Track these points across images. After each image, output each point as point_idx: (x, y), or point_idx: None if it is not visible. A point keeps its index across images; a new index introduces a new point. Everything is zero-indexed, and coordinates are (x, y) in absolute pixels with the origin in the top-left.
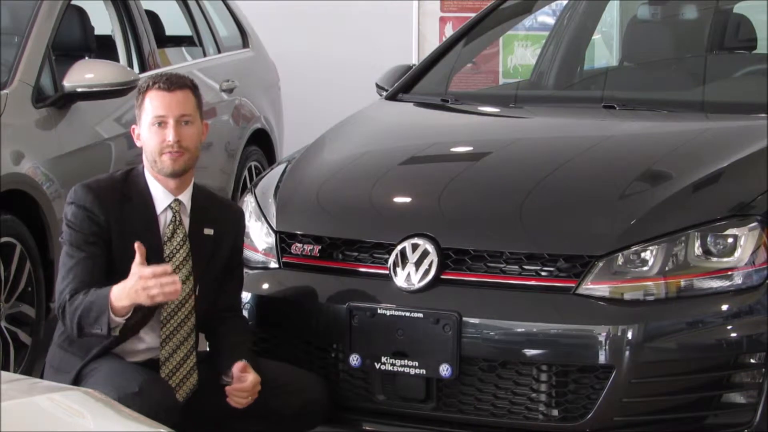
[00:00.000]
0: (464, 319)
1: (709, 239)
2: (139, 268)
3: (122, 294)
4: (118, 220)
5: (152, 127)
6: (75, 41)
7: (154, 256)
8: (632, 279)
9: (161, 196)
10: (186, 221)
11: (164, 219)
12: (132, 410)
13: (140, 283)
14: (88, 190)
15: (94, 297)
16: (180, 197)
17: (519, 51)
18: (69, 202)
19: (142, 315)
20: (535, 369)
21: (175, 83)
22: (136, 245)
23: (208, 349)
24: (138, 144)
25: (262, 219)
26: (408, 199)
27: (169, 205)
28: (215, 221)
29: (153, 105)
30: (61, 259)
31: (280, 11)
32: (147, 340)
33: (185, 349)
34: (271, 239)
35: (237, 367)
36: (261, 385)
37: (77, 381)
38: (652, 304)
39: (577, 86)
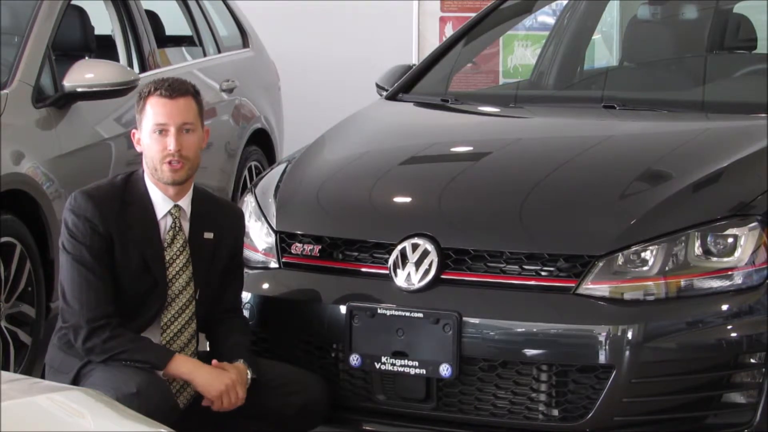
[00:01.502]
0: (464, 319)
1: (709, 239)
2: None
3: (192, 379)
4: (119, 226)
5: (153, 134)
6: (75, 41)
7: (155, 262)
8: (632, 279)
9: (161, 202)
10: (186, 226)
11: (164, 225)
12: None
13: (219, 400)
14: (88, 198)
15: (139, 349)
16: (180, 203)
17: (519, 51)
18: (69, 209)
19: (144, 321)
20: (535, 369)
21: (177, 90)
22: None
23: (208, 350)
24: (138, 149)
25: (262, 219)
26: (408, 199)
27: (169, 211)
28: (215, 224)
29: (154, 112)
30: (65, 269)
31: (280, 11)
32: None
33: (186, 355)
34: (271, 239)
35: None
36: (261, 385)
37: (76, 381)
38: (652, 304)
39: (577, 86)
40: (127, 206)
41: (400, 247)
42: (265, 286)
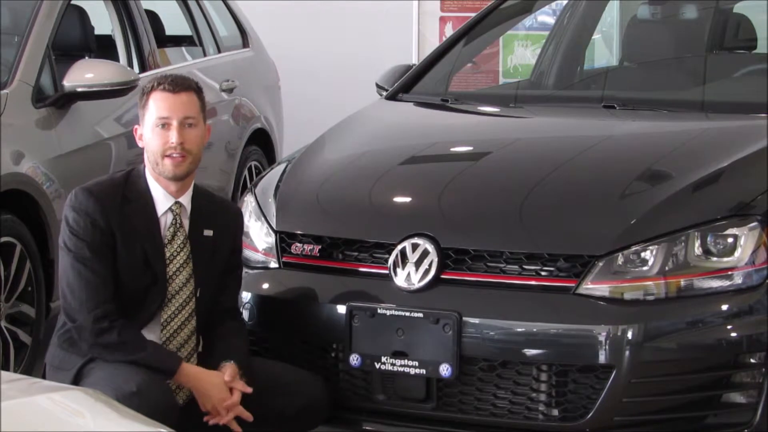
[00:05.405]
0: (464, 319)
1: (709, 239)
2: (234, 399)
3: (196, 384)
4: (120, 222)
5: (156, 128)
6: (75, 41)
7: (155, 259)
8: (632, 279)
9: (162, 199)
10: (186, 223)
11: (165, 221)
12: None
13: (221, 405)
14: (89, 194)
15: (151, 355)
16: (180, 199)
17: (519, 51)
18: (69, 206)
19: (144, 317)
20: (535, 369)
21: (180, 85)
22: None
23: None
24: (140, 144)
25: (262, 219)
26: (408, 199)
27: (170, 208)
28: (214, 222)
29: (157, 106)
30: (65, 267)
31: (280, 11)
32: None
33: (185, 352)
34: (271, 239)
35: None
36: (261, 385)
37: (77, 380)
38: (652, 304)
39: (577, 86)
40: (128, 202)
41: (400, 247)
42: (265, 286)
